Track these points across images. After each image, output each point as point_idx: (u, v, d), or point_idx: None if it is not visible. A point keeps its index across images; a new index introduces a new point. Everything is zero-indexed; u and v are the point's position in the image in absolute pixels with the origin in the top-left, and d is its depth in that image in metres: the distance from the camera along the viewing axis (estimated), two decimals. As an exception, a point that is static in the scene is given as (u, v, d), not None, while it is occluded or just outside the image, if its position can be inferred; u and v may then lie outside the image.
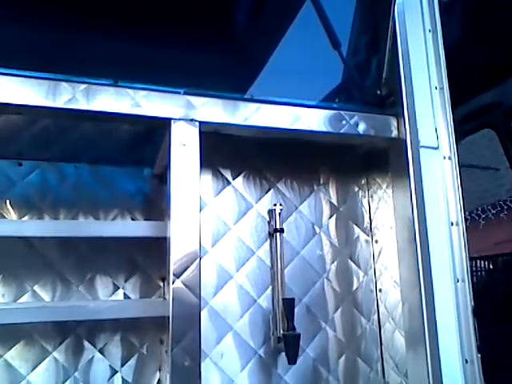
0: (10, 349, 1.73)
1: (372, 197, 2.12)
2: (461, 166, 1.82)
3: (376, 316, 2.04)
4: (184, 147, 1.55)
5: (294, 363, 1.79)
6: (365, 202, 2.13)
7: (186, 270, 1.45)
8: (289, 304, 1.82)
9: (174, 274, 1.44)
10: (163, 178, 1.90)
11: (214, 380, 1.81)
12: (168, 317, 1.44)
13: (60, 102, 1.46)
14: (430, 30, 1.88)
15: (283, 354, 1.81)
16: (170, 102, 1.57)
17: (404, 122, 1.76)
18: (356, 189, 2.14)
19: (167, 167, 1.64)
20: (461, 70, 1.96)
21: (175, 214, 1.50)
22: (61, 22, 1.78)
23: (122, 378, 1.82)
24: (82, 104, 1.47)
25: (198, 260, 1.47)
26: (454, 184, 1.79)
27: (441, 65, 1.84)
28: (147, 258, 1.90)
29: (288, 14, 2.25)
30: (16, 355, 1.73)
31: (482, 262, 3.49)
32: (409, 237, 1.74)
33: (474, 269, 3.51)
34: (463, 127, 2.96)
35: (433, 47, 1.85)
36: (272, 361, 1.87)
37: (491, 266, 3.46)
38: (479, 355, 1.68)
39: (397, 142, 1.81)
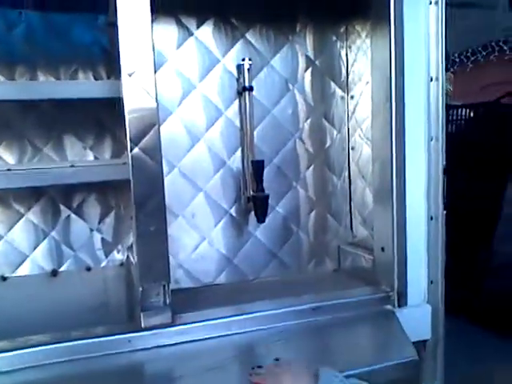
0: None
1: (350, 47, 1.94)
2: (451, 5, 1.64)
3: (347, 173, 2.03)
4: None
5: (263, 222, 1.83)
6: (343, 53, 1.96)
7: (144, 136, 1.35)
8: (258, 166, 1.78)
9: (131, 141, 1.35)
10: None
11: (187, 238, 1.84)
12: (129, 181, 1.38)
13: None
14: None
15: (253, 213, 1.83)
16: None
17: (388, -40, 1.53)
18: (334, 38, 1.94)
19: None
20: None
21: (126, 71, 1.33)
22: None
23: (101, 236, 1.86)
24: None
25: (156, 126, 1.37)
26: (437, 35, 1.63)
27: None
28: (114, 117, 1.77)
29: None
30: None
31: (463, 111, 3.42)
32: (385, 92, 1.63)
33: (454, 117, 3.46)
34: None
35: None
36: (243, 219, 1.90)
37: (471, 115, 3.40)
38: (444, 212, 1.72)
39: (381, -17, 1.59)
